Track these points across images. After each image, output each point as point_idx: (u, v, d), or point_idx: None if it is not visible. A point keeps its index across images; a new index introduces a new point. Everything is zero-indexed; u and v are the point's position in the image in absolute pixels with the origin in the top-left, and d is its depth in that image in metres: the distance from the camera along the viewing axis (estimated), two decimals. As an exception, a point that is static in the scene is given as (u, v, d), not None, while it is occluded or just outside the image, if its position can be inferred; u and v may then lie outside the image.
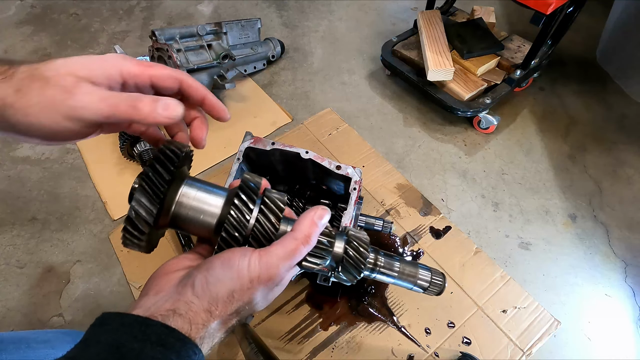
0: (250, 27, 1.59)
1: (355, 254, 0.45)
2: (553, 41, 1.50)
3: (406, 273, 0.49)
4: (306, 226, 0.41)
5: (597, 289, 1.17)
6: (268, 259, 0.39)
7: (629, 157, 1.46)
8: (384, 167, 1.38)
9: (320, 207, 0.43)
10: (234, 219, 0.40)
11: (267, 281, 0.38)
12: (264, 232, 0.41)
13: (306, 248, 0.41)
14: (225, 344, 1.03)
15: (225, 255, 0.38)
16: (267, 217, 0.41)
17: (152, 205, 0.37)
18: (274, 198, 0.43)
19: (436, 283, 0.50)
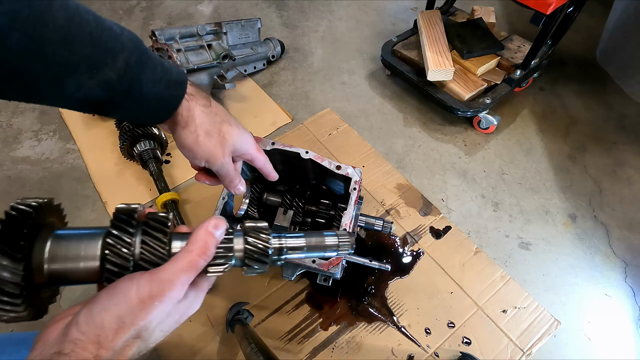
0: (250, 27, 1.59)
1: (255, 246, 0.44)
2: (553, 41, 1.50)
3: (313, 244, 0.49)
4: (200, 237, 0.41)
5: (597, 289, 1.17)
6: (160, 275, 0.37)
7: (629, 157, 1.46)
8: (384, 167, 1.38)
9: (215, 217, 0.43)
10: (113, 254, 0.38)
11: (161, 297, 0.36)
12: (153, 256, 0.40)
13: (204, 258, 0.40)
14: (225, 344, 1.04)
15: (110, 285, 0.37)
16: (153, 240, 0.40)
17: (15, 264, 0.34)
18: (156, 218, 0.42)
19: (344, 243, 0.50)
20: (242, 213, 1.05)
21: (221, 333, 1.05)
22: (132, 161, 1.37)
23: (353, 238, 0.51)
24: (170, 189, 1.29)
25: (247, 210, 1.06)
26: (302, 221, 1.05)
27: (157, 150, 1.33)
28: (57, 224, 0.43)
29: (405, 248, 1.20)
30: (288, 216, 0.93)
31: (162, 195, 1.22)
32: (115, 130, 1.42)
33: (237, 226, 0.48)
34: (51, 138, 1.49)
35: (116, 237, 0.39)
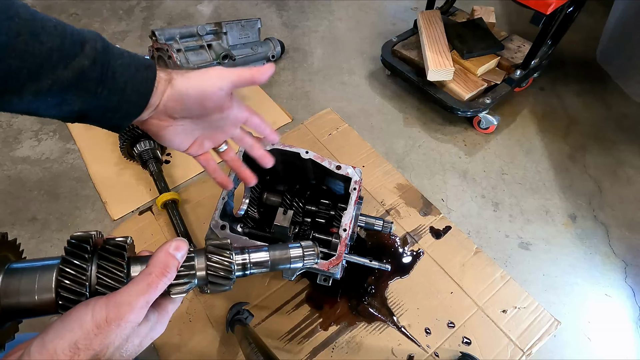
0: (250, 27, 1.59)
1: (218, 263, 0.44)
2: (553, 41, 1.50)
3: (277, 258, 0.49)
4: (160, 259, 0.40)
5: (597, 289, 1.17)
6: (117, 298, 0.37)
7: (629, 157, 1.46)
8: (384, 167, 1.38)
9: (176, 239, 0.43)
10: (67, 282, 0.37)
11: (118, 321, 0.35)
12: (111, 281, 0.39)
13: (164, 279, 0.39)
14: (225, 344, 1.04)
15: (65, 313, 0.36)
16: (109, 264, 0.39)
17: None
18: (113, 243, 0.41)
19: (310, 254, 0.50)
20: (242, 213, 1.05)
21: (221, 333, 1.05)
22: (132, 161, 1.37)
23: (317, 248, 0.51)
24: (170, 189, 1.29)
25: (247, 210, 1.06)
26: (302, 221, 1.05)
27: (157, 150, 1.33)
28: (12, 258, 0.42)
29: (405, 248, 1.20)
30: (288, 216, 0.93)
31: (162, 195, 1.22)
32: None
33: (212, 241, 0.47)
34: (51, 138, 1.49)
35: (70, 263, 0.38)
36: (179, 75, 0.51)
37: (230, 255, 0.45)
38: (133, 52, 0.49)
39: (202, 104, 0.52)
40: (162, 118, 0.52)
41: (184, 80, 0.50)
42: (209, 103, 0.52)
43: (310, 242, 0.52)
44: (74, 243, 0.39)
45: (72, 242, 0.40)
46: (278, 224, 0.92)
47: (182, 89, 0.50)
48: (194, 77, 0.51)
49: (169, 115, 0.52)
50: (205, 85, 0.51)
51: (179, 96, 0.50)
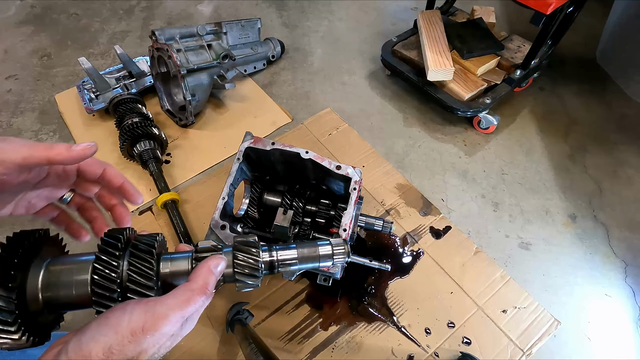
0: (250, 27, 1.59)
1: (245, 261, 0.44)
2: (553, 41, 1.50)
3: (306, 255, 0.49)
4: (203, 276, 0.41)
5: (597, 289, 1.17)
6: (156, 308, 0.37)
7: (629, 157, 1.46)
8: (384, 167, 1.38)
9: (217, 256, 0.43)
10: (99, 278, 0.39)
11: (153, 331, 0.36)
12: (140, 277, 0.40)
13: (203, 297, 0.40)
14: (225, 344, 1.04)
15: (102, 314, 0.37)
16: (139, 262, 0.40)
17: (9, 292, 0.36)
18: (143, 240, 0.42)
19: (339, 252, 0.49)
20: (242, 213, 1.05)
21: (221, 333, 1.05)
22: (132, 161, 1.37)
23: (348, 246, 0.50)
24: (170, 189, 1.29)
25: (247, 210, 1.06)
26: (302, 221, 1.05)
27: (157, 150, 1.33)
28: (54, 253, 0.44)
29: (405, 248, 1.20)
30: (288, 216, 0.93)
31: (162, 195, 1.22)
32: (115, 130, 1.42)
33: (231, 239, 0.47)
34: (51, 138, 1.49)
35: (102, 261, 0.39)
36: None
37: (257, 253, 0.45)
38: None
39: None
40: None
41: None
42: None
43: (340, 240, 0.51)
44: (106, 240, 0.41)
45: (105, 239, 0.41)
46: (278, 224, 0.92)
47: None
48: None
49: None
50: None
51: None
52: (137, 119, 1.31)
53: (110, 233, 0.42)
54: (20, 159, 0.40)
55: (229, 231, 0.89)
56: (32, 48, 1.86)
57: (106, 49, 1.85)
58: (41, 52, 1.84)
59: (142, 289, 0.40)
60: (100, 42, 1.89)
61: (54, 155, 0.41)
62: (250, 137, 0.96)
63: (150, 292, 0.40)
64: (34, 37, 1.91)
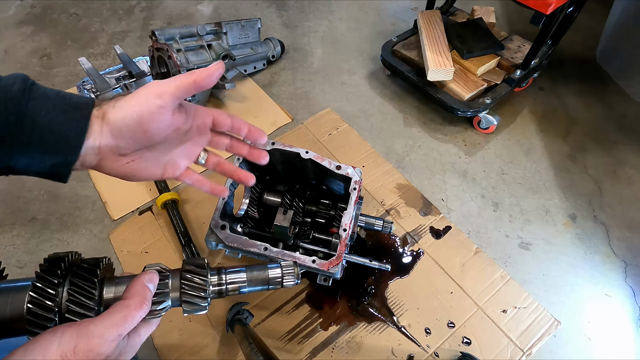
0: (250, 27, 1.59)
1: (192, 283, 0.43)
2: (553, 41, 1.50)
3: (255, 278, 0.48)
4: (138, 291, 0.40)
5: (597, 289, 1.17)
6: (89, 328, 0.35)
7: (629, 157, 1.46)
8: (384, 167, 1.38)
9: (148, 271, 0.42)
10: (35, 303, 0.37)
11: (87, 352, 0.34)
12: (79, 307, 0.38)
13: (141, 312, 0.39)
14: (225, 344, 1.04)
15: (30, 340, 0.35)
16: (79, 289, 0.39)
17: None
18: (86, 264, 0.41)
19: (289, 274, 0.49)
20: (242, 213, 1.05)
21: (221, 333, 1.05)
22: (132, 161, 1.37)
23: (297, 269, 0.50)
24: (170, 189, 1.29)
25: (247, 210, 1.06)
26: (302, 221, 1.05)
27: (157, 150, 1.33)
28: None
29: (405, 248, 1.20)
30: (288, 216, 0.93)
31: (162, 195, 1.22)
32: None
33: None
34: (51, 138, 1.49)
35: (38, 288, 0.37)
36: (111, 107, 0.42)
37: (204, 273, 0.45)
38: (66, 92, 0.42)
39: (145, 130, 0.43)
40: (112, 158, 0.44)
41: (117, 112, 0.42)
42: (154, 127, 0.43)
43: (290, 262, 0.50)
44: (46, 265, 0.39)
45: (44, 264, 0.39)
46: (278, 224, 0.92)
47: (116, 122, 0.42)
48: (126, 105, 0.42)
49: (119, 154, 0.44)
50: (140, 109, 0.42)
51: (117, 131, 0.42)
52: (137, 119, 1.31)
53: (50, 258, 0.40)
54: (174, 87, 0.43)
55: (229, 231, 0.89)
56: (32, 48, 1.86)
57: (106, 49, 1.85)
58: (41, 52, 1.84)
59: (82, 310, 0.38)
60: (100, 42, 1.89)
61: (197, 78, 0.45)
62: (250, 137, 0.96)
63: (91, 313, 0.38)
64: (34, 37, 1.91)
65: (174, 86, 0.44)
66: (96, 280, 0.40)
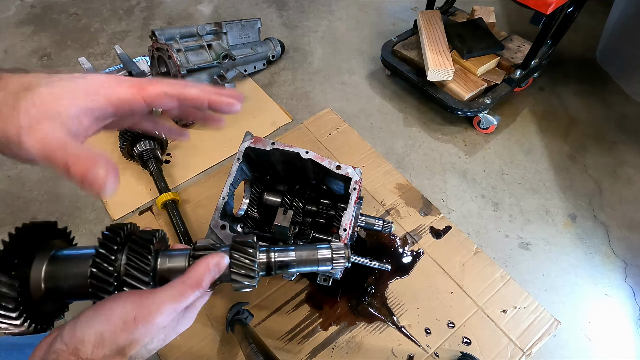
0: (250, 27, 1.59)
1: (240, 261, 0.45)
2: (553, 41, 1.50)
3: (304, 259, 0.48)
4: (199, 272, 0.41)
5: (597, 289, 1.17)
6: (149, 300, 0.38)
7: (629, 157, 1.46)
8: (384, 167, 1.38)
9: (218, 254, 0.43)
10: (97, 267, 0.40)
11: (145, 322, 0.37)
12: (136, 272, 0.41)
13: (196, 292, 0.40)
14: (226, 343, 1.04)
15: (97, 304, 0.39)
16: (136, 256, 0.42)
17: (12, 280, 0.37)
18: (142, 235, 0.44)
19: (339, 256, 0.49)
20: (242, 213, 1.05)
21: (221, 333, 1.05)
22: (132, 161, 1.37)
23: (348, 250, 0.50)
24: (170, 189, 1.29)
25: (247, 210, 1.06)
26: (302, 221, 1.05)
27: (157, 150, 1.33)
28: (61, 244, 0.46)
29: (405, 248, 1.20)
30: (288, 216, 0.93)
31: (162, 195, 1.22)
32: (115, 130, 1.41)
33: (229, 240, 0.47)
34: (51, 138, 1.49)
35: (101, 254, 0.41)
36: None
37: (254, 253, 0.46)
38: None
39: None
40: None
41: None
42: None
43: (340, 244, 0.50)
44: (106, 235, 0.42)
45: (105, 233, 0.43)
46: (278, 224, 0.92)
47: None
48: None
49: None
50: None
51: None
52: (137, 119, 1.31)
53: (111, 227, 0.43)
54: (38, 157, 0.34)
55: (229, 231, 0.89)
56: (32, 48, 1.86)
57: (106, 49, 1.85)
58: (41, 52, 1.84)
59: (137, 283, 0.41)
60: (100, 42, 1.89)
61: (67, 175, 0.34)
62: (250, 137, 0.96)
63: (145, 287, 0.41)
64: (34, 37, 1.91)
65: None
66: (150, 255, 0.42)
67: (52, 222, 0.44)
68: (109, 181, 0.34)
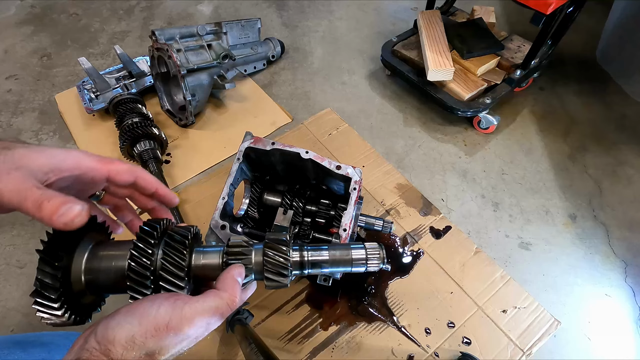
0: (250, 27, 1.59)
1: (274, 260, 0.45)
2: (553, 41, 1.50)
3: (338, 258, 0.47)
4: (229, 285, 0.42)
5: (597, 289, 1.17)
6: (185, 309, 0.38)
7: (629, 157, 1.46)
8: (384, 167, 1.38)
9: (238, 266, 0.44)
10: (134, 264, 0.40)
11: (176, 331, 0.37)
12: (172, 267, 0.42)
13: (232, 307, 0.41)
14: (226, 344, 1.03)
15: (132, 304, 0.39)
16: (172, 252, 0.42)
17: (55, 271, 0.38)
18: (178, 231, 0.44)
19: (374, 257, 0.47)
20: (242, 213, 1.05)
21: (221, 333, 1.05)
22: (132, 161, 1.37)
23: (383, 251, 0.48)
24: (170, 189, 1.29)
25: (247, 210, 1.06)
26: (302, 221, 1.05)
27: (157, 150, 1.33)
28: (100, 238, 0.46)
29: (405, 248, 1.20)
30: (288, 216, 0.93)
31: (162, 195, 1.22)
32: (115, 130, 1.42)
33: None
34: (51, 138, 1.49)
35: (138, 249, 0.41)
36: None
37: (287, 251, 0.45)
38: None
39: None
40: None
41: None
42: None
43: (375, 244, 0.48)
44: (144, 229, 0.43)
45: (143, 227, 0.43)
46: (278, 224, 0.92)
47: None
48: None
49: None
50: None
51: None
52: (137, 119, 1.31)
53: (148, 222, 0.44)
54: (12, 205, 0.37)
55: (229, 231, 0.89)
56: (32, 48, 1.86)
57: (106, 49, 1.85)
58: (41, 52, 1.84)
59: (174, 279, 0.41)
60: (100, 42, 1.89)
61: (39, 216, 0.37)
62: (250, 137, 0.96)
63: (181, 282, 0.42)
64: (34, 37, 1.91)
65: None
66: (185, 252, 0.43)
67: (92, 215, 0.44)
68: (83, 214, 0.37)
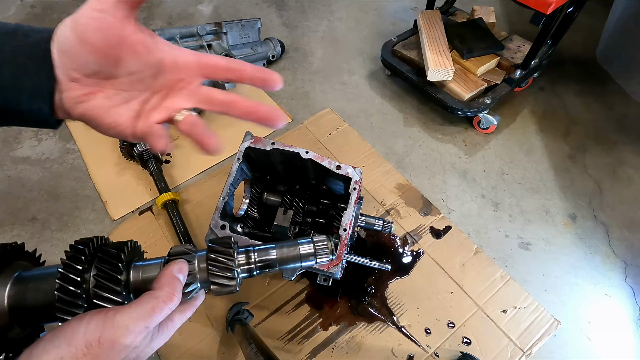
0: (250, 27, 1.59)
1: (217, 262, 0.42)
2: (553, 41, 1.50)
3: (286, 256, 0.46)
4: (167, 282, 0.39)
5: (597, 289, 1.17)
6: (116, 318, 0.35)
7: (629, 157, 1.46)
8: (384, 167, 1.38)
9: (177, 261, 0.41)
10: (64, 280, 0.37)
11: (111, 344, 0.34)
12: (106, 283, 0.38)
13: (170, 305, 0.38)
14: (225, 344, 1.04)
15: (59, 327, 0.35)
16: (105, 266, 0.39)
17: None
18: (112, 246, 0.41)
19: (322, 248, 0.46)
20: (242, 213, 1.05)
21: (221, 333, 1.05)
22: (132, 161, 1.37)
23: (331, 243, 0.47)
24: (170, 189, 1.29)
25: (247, 210, 1.06)
26: (302, 221, 1.05)
27: (157, 150, 1.32)
28: (27, 265, 0.43)
29: (405, 248, 1.20)
30: (288, 216, 0.93)
31: (162, 195, 1.22)
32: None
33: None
34: (51, 138, 1.49)
35: (64, 275, 0.37)
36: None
37: (231, 252, 0.43)
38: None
39: (83, 40, 0.35)
40: (70, 86, 0.37)
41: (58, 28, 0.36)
42: (96, 37, 0.35)
43: (323, 237, 0.47)
44: (71, 252, 0.39)
45: (72, 245, 0.40)
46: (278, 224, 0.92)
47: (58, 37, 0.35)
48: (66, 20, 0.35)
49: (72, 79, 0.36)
50: (75, 17, 0.35)
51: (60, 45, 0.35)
52: (137, 119, 1.31)
53: (78, 241, 0.41)
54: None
55: (229, 231, 0.89)
56: (32, 48, 1.85)
57: (106, 49, 1.85)
58: (41, 52, 1.84)
59: (109, 293, 0.38)
60: (100, 42, 1.89)
61: None
62: (250, 137, 0.96)
63: (118, 297, 0.38)
64: (34, 37, 1.91)
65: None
66: (121, 265, 0.39)
67: (16, 244, 0.41)
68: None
